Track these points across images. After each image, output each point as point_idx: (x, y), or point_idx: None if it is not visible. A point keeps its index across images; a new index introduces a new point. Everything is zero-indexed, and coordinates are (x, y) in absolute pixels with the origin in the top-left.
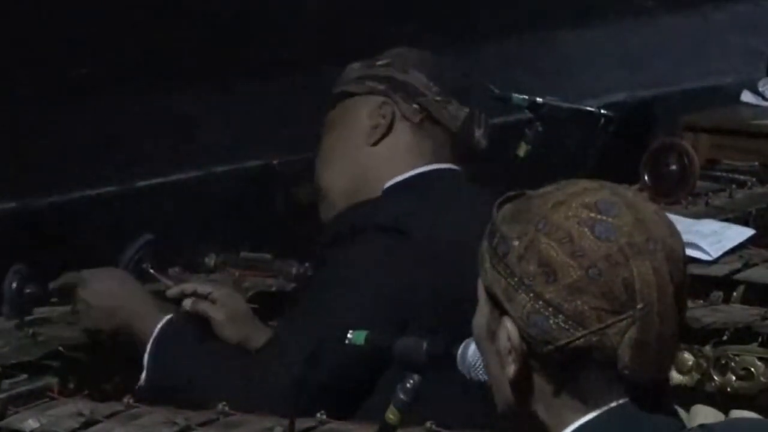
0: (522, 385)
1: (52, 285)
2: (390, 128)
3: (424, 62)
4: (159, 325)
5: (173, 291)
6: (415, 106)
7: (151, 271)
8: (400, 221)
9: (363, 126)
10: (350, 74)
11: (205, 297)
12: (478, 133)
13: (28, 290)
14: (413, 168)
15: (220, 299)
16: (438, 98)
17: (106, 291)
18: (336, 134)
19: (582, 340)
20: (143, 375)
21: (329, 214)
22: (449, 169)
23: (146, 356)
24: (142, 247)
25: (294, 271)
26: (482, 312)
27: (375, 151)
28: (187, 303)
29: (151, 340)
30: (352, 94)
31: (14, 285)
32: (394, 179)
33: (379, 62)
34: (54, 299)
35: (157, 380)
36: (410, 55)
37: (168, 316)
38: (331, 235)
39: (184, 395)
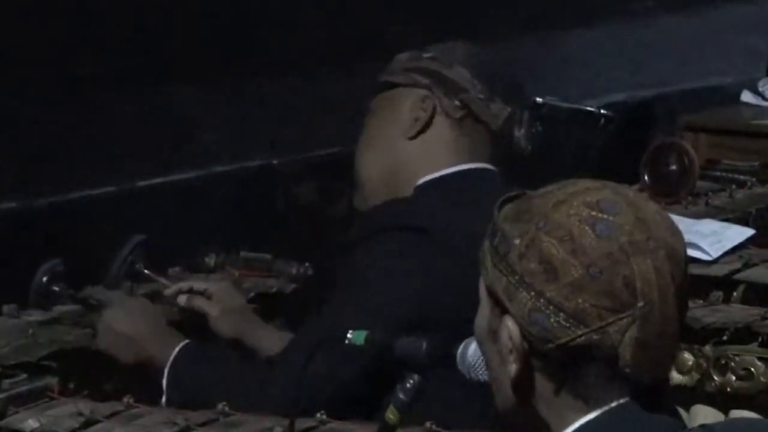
0: (523, 384)
1: (80, 294)
2: (429, 123)
3: (470, 58)
4: (175, 351)
5: (170, 290)
6: (456, 102)
7: (146, 271)
8: (426, 221)
9: (403, 118)
10: (396, 64)
11: (201, 293)
12: (519, 133)
13: (55, 288)
14: (449, 166)
15: (216, 294)
16: (481, 96)
17: (131, 321)
18: (376, 124)
19: (583, 338)
20: (163, 398)
21: (363, 205)
22: (485, 169)
23: (164, 382)
24: (134, 249)
25: (294, 271)
26: (483, 312)
27: (412, 145)
28: (182, 299)
29: (167, 367)
30: (396, 85)
31: (44, 279)
32: (429, 176)
33: (426, 55)
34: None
35: (177, 403)
36: (457, 50)
37: (183, 342)
38: (358, 234)
39: (210, 398)
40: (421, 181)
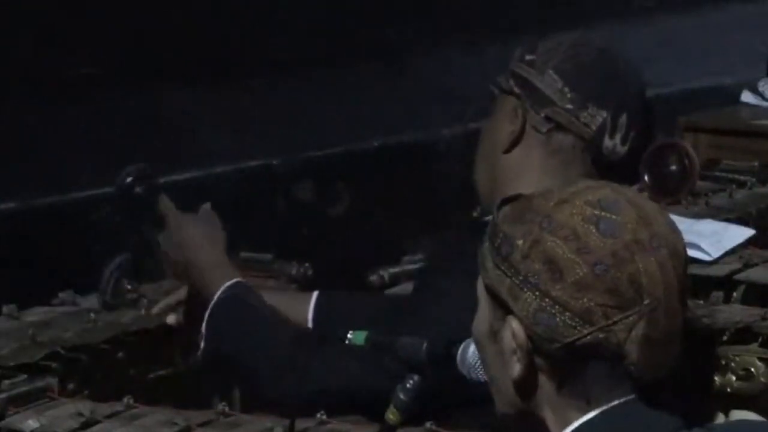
0: (526, 384)
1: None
2: (521, 137)
3: (569, 59)
4: (221, 289)
5: (156, 309)
6: (542, 115)
7: (129, 287)
8: None
9: (502, 129)
10: (510, 62)
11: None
12: (611, 141)
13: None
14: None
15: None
16: (569, 106)
17: (201, 237)
18: (486, 127)
19: (589, 337)
20: (202, 341)
21: (479, 199)
22: None
23: (205, 320)
24: (117, 268)
25: (294, 271)
26: (483, 313)
27: (506, 160)
28: (171, 319)
29: (211, 305)
30: (502, 88)
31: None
32: None
33: (528, 56)
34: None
35: (213, 347)
36: (558, 51)
37: (231, 281)
38: (460, 243)
39: (234, 365)
40: None
